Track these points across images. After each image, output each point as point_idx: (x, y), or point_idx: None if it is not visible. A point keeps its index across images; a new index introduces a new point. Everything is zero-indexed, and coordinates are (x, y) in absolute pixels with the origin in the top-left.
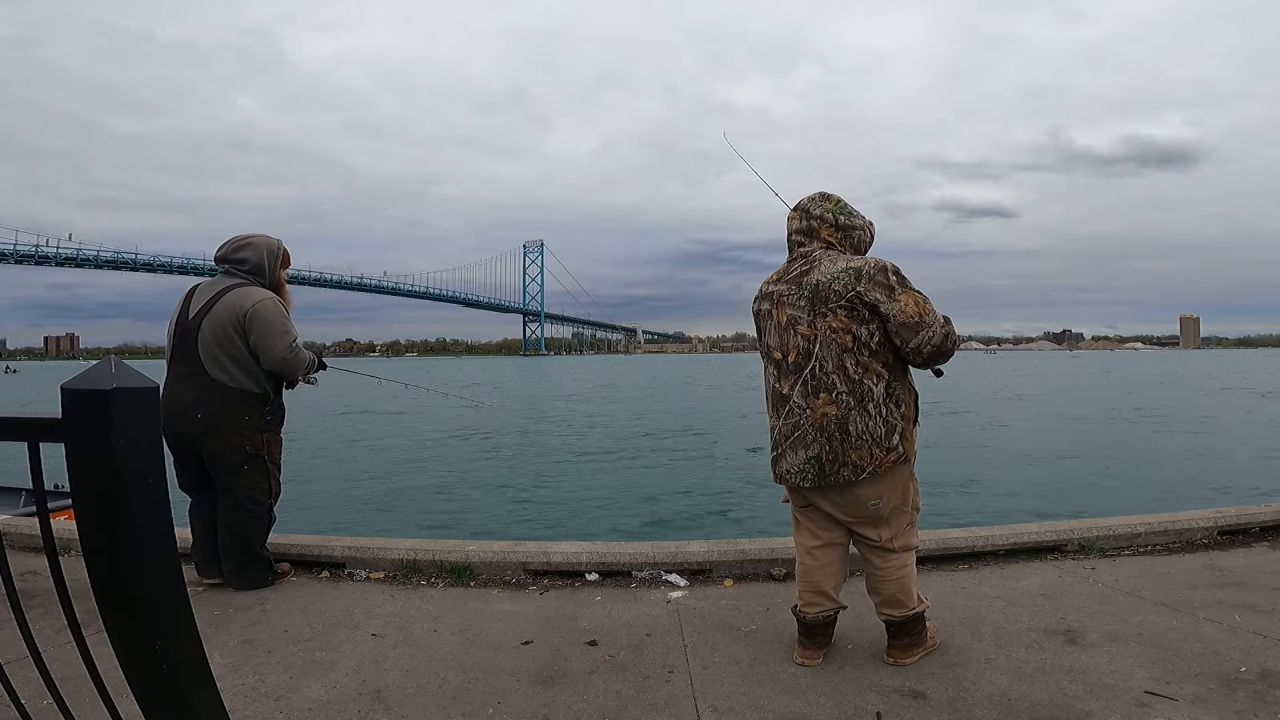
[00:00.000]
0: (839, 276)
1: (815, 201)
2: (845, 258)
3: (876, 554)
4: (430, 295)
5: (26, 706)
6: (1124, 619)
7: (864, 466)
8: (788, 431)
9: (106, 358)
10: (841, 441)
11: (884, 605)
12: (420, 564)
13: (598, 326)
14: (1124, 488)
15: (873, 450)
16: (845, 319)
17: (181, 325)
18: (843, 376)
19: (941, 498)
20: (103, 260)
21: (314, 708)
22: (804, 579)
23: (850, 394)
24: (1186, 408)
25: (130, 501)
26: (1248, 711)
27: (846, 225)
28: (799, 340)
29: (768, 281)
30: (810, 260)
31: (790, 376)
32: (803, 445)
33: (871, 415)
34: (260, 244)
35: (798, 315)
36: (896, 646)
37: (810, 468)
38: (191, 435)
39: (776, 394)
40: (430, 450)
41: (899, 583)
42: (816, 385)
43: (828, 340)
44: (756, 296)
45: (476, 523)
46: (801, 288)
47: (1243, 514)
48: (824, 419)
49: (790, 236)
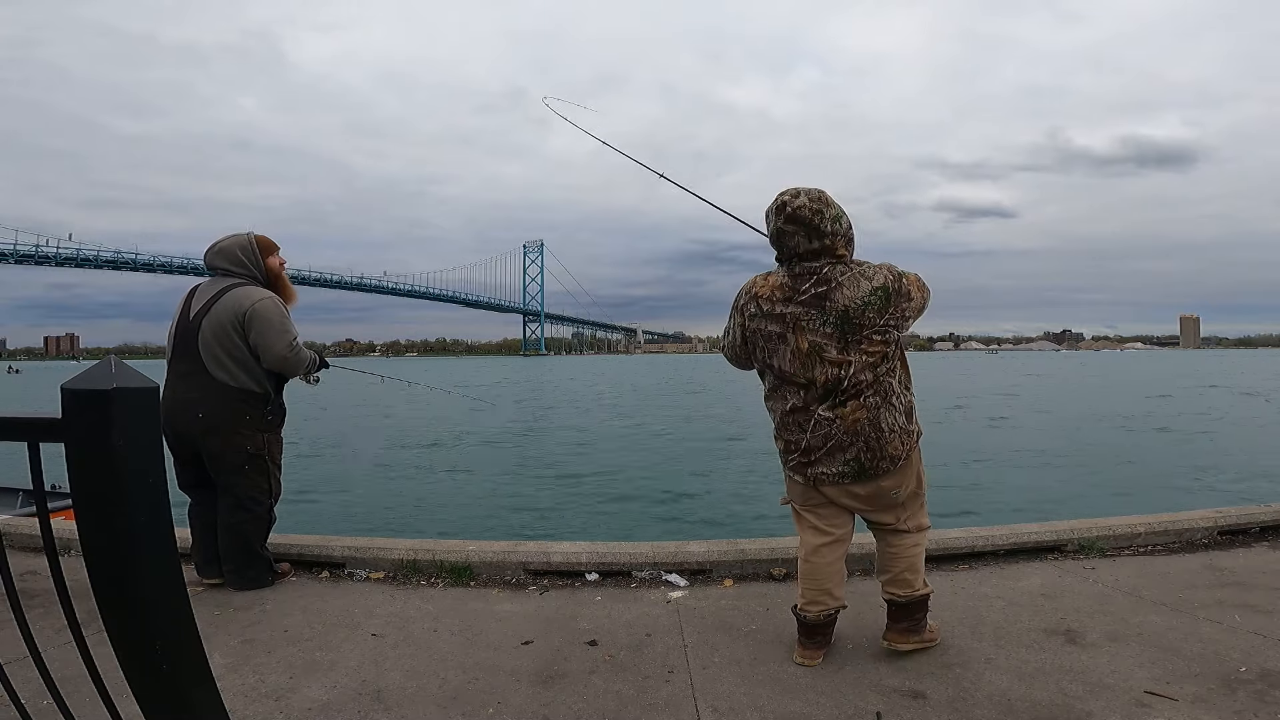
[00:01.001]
0: (870, 302)
1: (818, 212)
2: (862, 274)
3: (893, 534)
4: (430, 295)
5: (26, 706)
6: (1124, 619)
7: (899, 456)
8: (818, 444)
9: (106, 358)
10: (877, 439)
11: (890, 584)
12: (420, 564)
13: (598, 326)
14: (1124, 488)
15: (902, 439)
16: (880, 342)
17: (182, 325)
18: (871, 383)
19: (942, 498)
20: (103, 260)
21: (314, 708)
22: (808, 577)
23: (876, 393)
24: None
25: (130, 501)
26: (1248, 711)
27: (848, 232)
28: (829, 369)
29: (769, 297)
30: (824, 280)
31: (821, 398)
32: (839, 450)
33: (895, 407)
34: (230, 244)
35: (823, 343)
36: (895, 630)
37: (850, 468)
38: (192, 435)
39: (797, 410)
40: (431, 450)
41: (910, 560)
42: (845, 398)
43: (862, 366)
44: (754, 312)
45: (476, 523)
46: (825, 313)
47: (1243, 514)
48: (856, 424)
49: (789, 246)
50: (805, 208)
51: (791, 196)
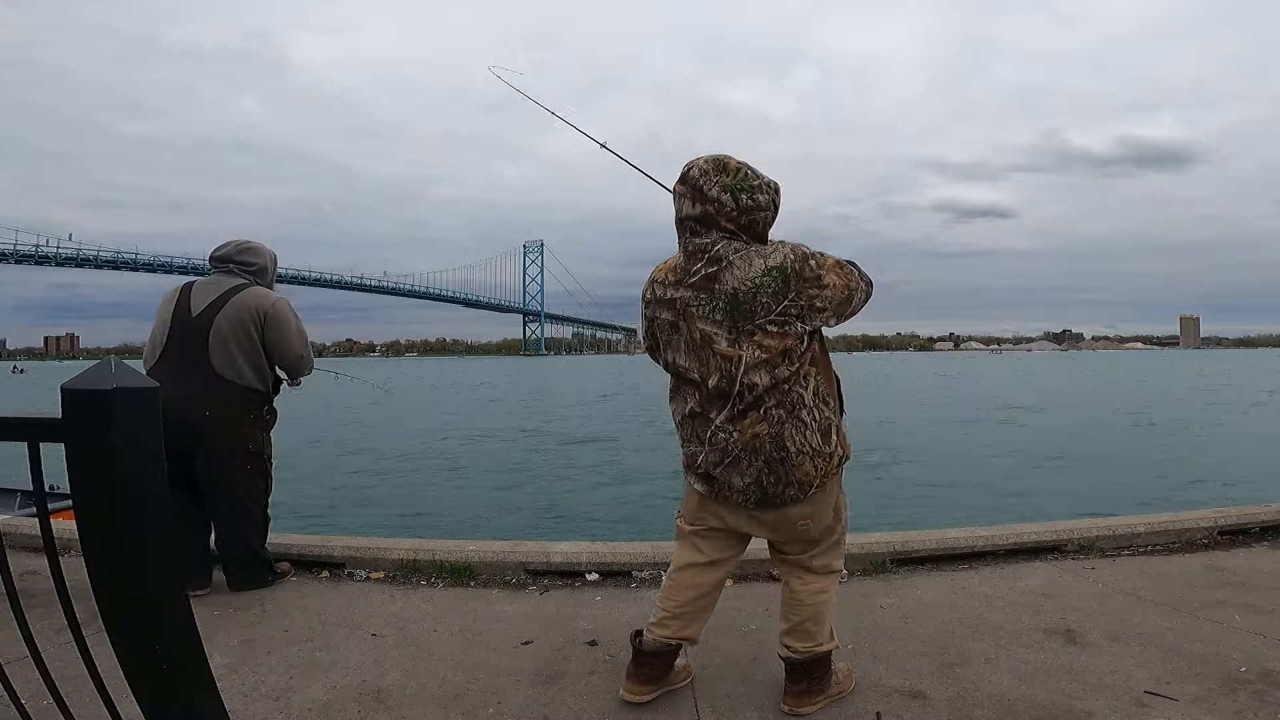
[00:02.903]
0: (762, 284)
1: (708, 176)
2: (757, 253)
3: (794, 573)
4: (430, 295)
5: (26, 706)
6: (1124, 619)
7: (810, 483)
8: (716, 459)
9: (106, 358)
10: (781, 461)
11: (788, 635)
12: (420, 564)
13: (598, 326)
14: (1124, 488)
15: (815, 462)
16: (776, 334)
17: (183, 321)
18: (773, 391)
19: (942, 497)
20: (103, 260)
21: (314, 708)
22: (665, 595)
23: (780, 405)
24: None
25: (130, 501)
26: (1248, 711)
27: (750, 206)
28: (719, 362)
29: (662, 281)
30: (715, 259)
31: (714, 402)
32: (737, 471)
33: (806, 423)
34: (265, 250)
35: (713, 332)
36: (792, 691)
37: (752, 492)
38: (193, 432)
39: (696, 416)
40: (431, 450)
41: (813, 609)
42: (745, 407)
43: (755, 363)
44: (650, 298)
45: (476, 523)
46: (714, 297)
47: (1243, 514)
48: (755, 440)
49: (681, 221)
50: (697, 168)
51: (697, 159)
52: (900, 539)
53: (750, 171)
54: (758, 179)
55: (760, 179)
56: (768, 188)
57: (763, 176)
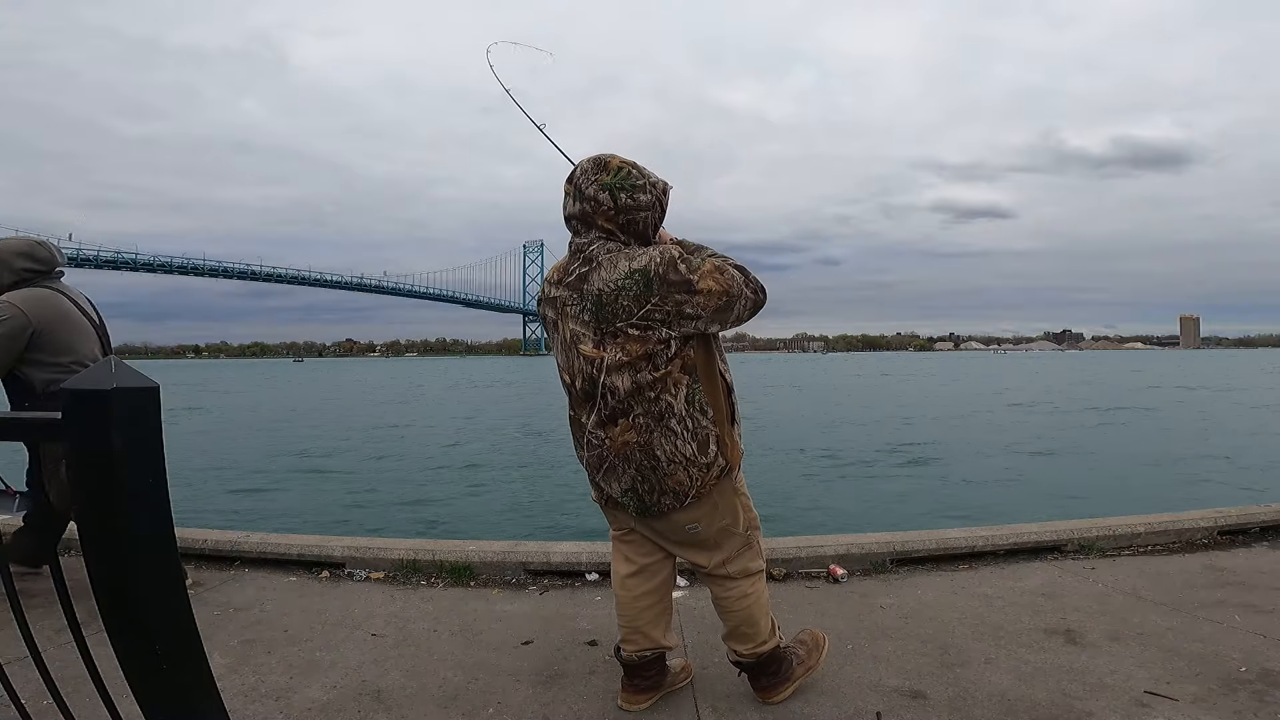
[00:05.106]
0: (624, 286)
1: (588, 175)
2: (624, 255)
3: (714, 582)
4: (430, 295)
5: (26, 706)
6: (1124, 619)
7: (685, 492)
8: (595, 464)
9: (106, 358)
10: (652, 470)
11: (729, 639)
12: (420, 564)
13: None
14: (1124, 488)
15: (689, 471)
16: (638, 339)
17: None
18: (637, 397)
19: (942, 497)
20: (103, 260)
21: (314, 708)
22: (619, 611)
23: (647, 414)
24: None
25: (130, 501)
26: (1248, 711)
27: (628, 206)
28: (582, 363)
29: (550, 280)
30: (588, 259)
31: (583, 405)
32: (614, 477)
33: (676, 432)
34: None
35: (581, 332)
36: (758, 688)
37: (629, 499)
38: None
39: (574, 421)
40: (432, 450)
41: (742, 614)
42: (612, 413)
43: (617, 365)
44: (540, 296)
45: (476, 523)
46: (584, 298)
47: (1243, 514)
48: (626, 448)
49: (565, 220)
50: (580, 166)
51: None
52: (900, 539)
53: (635, 171)
54: (641, 178)
55: (645, 178)
56: (652, 187)
57: (649, 175)
